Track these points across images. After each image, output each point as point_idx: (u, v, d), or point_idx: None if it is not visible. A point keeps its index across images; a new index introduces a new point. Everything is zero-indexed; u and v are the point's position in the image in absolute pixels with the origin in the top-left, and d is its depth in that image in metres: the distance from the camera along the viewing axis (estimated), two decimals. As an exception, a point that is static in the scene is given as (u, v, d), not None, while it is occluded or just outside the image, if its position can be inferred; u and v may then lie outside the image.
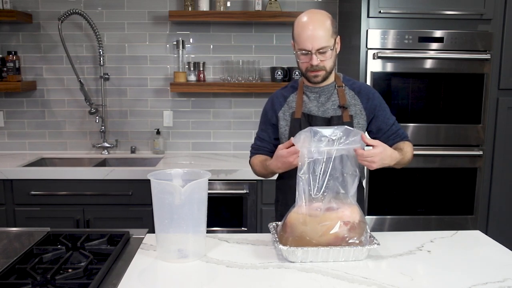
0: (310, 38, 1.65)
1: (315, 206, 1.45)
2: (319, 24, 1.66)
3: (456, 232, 1.72)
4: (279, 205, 1.95)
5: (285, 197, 1.87)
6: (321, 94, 1.81)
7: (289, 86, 1.90)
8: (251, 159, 1.93)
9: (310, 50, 1.66)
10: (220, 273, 1.37)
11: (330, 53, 1.68)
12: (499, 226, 2.89)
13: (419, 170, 2.78)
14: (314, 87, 1.81)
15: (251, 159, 1.93)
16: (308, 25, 1.66)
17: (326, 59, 1.69)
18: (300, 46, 1.68)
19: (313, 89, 1.81)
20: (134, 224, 2.64)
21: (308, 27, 1.66)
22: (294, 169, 1.54)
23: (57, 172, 2.71)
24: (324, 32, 1.66)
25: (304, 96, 1.83)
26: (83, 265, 1.35)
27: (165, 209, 1.43)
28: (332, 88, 1.82)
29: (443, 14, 2.66)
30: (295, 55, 1.73)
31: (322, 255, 1.42)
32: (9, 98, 3.21)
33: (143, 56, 3.21)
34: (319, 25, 1.66)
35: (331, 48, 1.68)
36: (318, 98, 1.81)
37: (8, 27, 3.15)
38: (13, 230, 1.73)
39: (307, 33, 1.65)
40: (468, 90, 2.74)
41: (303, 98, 1.82)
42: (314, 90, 1.81)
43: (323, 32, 1.65)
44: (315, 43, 1.65)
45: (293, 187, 1.50)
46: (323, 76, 1.73)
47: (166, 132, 3.29)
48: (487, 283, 1.31)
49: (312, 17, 1.68)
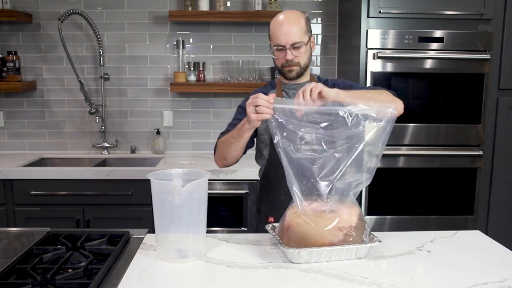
0: (284, 33, 1.73)
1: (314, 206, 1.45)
2: (293, 21, 1.75)
3: (456, 232, 1.72)
4: (263, 205, 1.92)
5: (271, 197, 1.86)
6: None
7: (268, 85, 1.96)
8: (217, 141, 1.84)
9: (285, 46, 1.73)
10: (220, 273, 1.37)
11: (304, 49, 1.75)
12: (499, 226, 2.89)
13: (419, 170, 2.78)
14: (292, 84, 1.86)
15: (217, 140, 1.84)
16: (283, 22, 1.75)
17: (300, 55, 1.76)
18: (275, 42, 1.76)
19: (291, 86, 1.87)
20: (134, 224, 2.64)
21: (283, 24, 1.74)
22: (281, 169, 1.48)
23: (57, 172, 2.71)
24: (298, 29, 1.74)
25: (283, 92, 1.88)
26: (83, 265, 1.35)
27: (165, 209, 1.43)
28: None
29: (443, 14, 2.66)
30: (271, 52, 1.80)
31: (326, 255, 1.42)
32: (9, 98, 3.21)
33: (143, 56, 3.21)
34: (293, 22, 1.74)
35: (305, 44, 1.75)
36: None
37: (8, 27, 3.15)
38: (13, 230, 1.73)
39: (282, 29, 1.73)
40: (468, 90, 2.74)
41: (282, 95, 1.86)
42: (293, 87, 1.86)
43: (296, 28, 1.74)
44: (289, 38, 1.72)
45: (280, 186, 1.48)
46: (297, 72, 1.79)
47: (166, 132, 3.29)
48: (487, 283, 1.30)
49: (287, 15, 1.78)
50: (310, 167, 1.45)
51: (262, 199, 1.94)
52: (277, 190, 1.79)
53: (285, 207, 1.52)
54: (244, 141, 1.69)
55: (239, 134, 1.66)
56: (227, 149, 1.75)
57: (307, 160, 1.45)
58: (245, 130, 1.62)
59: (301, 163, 1.45)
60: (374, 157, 1.49)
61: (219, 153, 1.82)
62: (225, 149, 1.77)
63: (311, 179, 1.44)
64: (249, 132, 1.64)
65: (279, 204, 1.67)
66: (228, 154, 1.77)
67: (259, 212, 1.96)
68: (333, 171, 1.44)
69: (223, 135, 1.82)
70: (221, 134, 1.86)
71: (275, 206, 1.79)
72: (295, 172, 1.45)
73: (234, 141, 1.70)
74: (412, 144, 2.75)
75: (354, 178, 1.46)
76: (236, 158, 1.79)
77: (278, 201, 1.75)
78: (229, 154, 1.76)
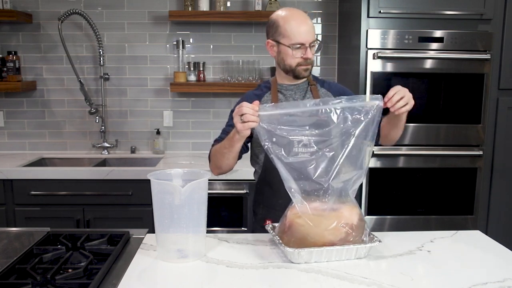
0: (305, 32, 1.70)
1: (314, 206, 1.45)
2: (308, 20, 1.73)
3: (456, 232, 1.72)
4: (260, 208, 1.89)
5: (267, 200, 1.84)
6: (296, 91, 1.83)
7: (262, 86, 1.90)
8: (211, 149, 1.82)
9: (305, 44, 1.70)
10: (220, 273, 1.37)
11: (315, 47, 1.75)
12: (499, 226, 2.89)
13: (419, 170, 2.78)
14: (289, 85, 1.83)
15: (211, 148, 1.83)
16: (302, 20, 1.71)
17: (313, 53, 1.75)
18: (296, 41, 1.70)
19: (288, 87, 1.83)
20: (134, 224, 2.64)
21: (303, 22, 1.71)
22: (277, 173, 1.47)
23: (57, 172, 2.71)
24: (313, 28, 1.73)
25: (279, 94, 1.83)
26: (83, 265, 1.35)
27: (165, 209, 1.43)
28: (305, 86, 1.84)
29: (443, 14, 2.66)
30: (282, 51, 1.73)
31: (326, 255, 1.42)
32: (9, 98, 3.21)
33: (143, 56, 3.21)
34: (309, 21, 1.73)
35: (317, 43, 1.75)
36: (293, 95, 1.82)
37: (8, 27, 3.15)
38: (13, 230, 1.73)
39: (303, 28, 1.70)
40: (468, 90, 2.74)
41: (278, 96, 1.82)
42: (289, 87, 1.83)
43: (313, 27, 1.73)
44: (309, 36, 1.70)
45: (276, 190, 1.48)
46: (310, 70, 1.79)
47: (166, 132, 3.29)
48: (487, 283, 1.30)
49: (299, 13, 1.75)
50: (305, 168, 1.44)
51: (258, 202, 1.91)
52: (274, 193, 1.77)
53: (282, 210, 1.51)
54: (236, 151, 1.67)
55: (230, 144, 1.64)
56: (221, 159, 1.74)
57: (301, 162, 1.45)
58: (235, 141, 1.60)
59: (296, 166, 1.45)
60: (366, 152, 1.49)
61: (213, 162, 1.80)
62: (219, 159, 1.75)
63: (307, 180, 1.44)
64: (240, 142, 1.62)
65: (276, 207, 1.66)
66: (222, 163, 1.75)
67: (255, 214, 1.94)
68: (328, 170, 1.44)
69: (217, 143, 1.80)
70: (215, 141, 1.84)
71: (272, 209, 1.77)
72: (292, 175, 1.45)
73: (227, 151, 1.68)
74: (412, 144, 2.75)
75: (350, 175, 1.46)
76: (230, 167, 1.77)
77: (275, 205, 1.73)
78: (223, 163, 1.75)
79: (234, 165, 1.78)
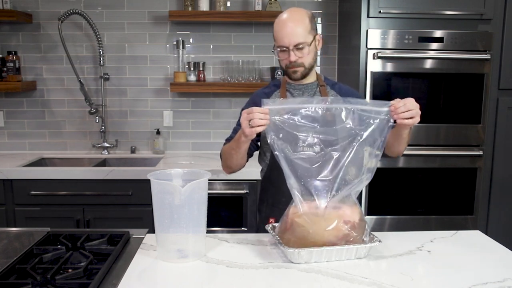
0: (287, 35, 1.69)
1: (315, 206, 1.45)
2: (297, 21, 1.70)
3: (456, 232, 1.72)
4: (264, 206, 1.91)
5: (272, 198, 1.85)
6: (304, 91, 1.83)
7: (271, 84, 1.92)
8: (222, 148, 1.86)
9: (288, 47, 1.70)
10: (220, 273, 1.37)
11: (307, 49, 1.72)
12: (499, 226, 2.89)
13: (419, 170, 2.78)
14: (297, 85, 1.84)
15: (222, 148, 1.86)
16: (285, 22, 1.71)
17: (304, 56, 1.73)
18: (279, 43, 1.72)
19: (296, 87, 1.84)
20: (134, 224, 2.64)
21: (286, 24, 1.70)
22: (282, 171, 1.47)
23: (57, 172, 2.71)
24: (301, 29, 1.70)
25: (287, 93, 1.84)
26: (83, 265, 1.35)
27: (165, 209, 1.43)
28: (315, 86, 1.85)
29: (443, 14, 2.66)
30: (275, 53, 1.76)
31: (326, 255, 1.42)
32: (9, 98, 3.21)
33: (143, 56, 3.21)
34: (296, 22, 1.70)
35: (308, 44, 1.71)
36: (301, 95, 1.83)
37: (8, 27, 3.15)
38: (13, 230, 1.73)
39: (284, 30, 1.70)
40: (468, 90, 2.74)
41: (286, 95, 1.84)
42: (298, 87, 1.84)
43: (300, 28, 1.69)
44: (292, 39, 1.69)
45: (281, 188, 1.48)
46: (302, 73, 1.76)
47: (166, 132, 3.29)
48: (487, 283, 1.30)
49: (290, 14, 1.73)
50: (309, 167, 1.44)
51: (263, 200, 1.94)
52: (278, 192, 1.79)
53: (285, 208, 1.52)
54: (243, 151, 1.71)
55: (238, 145, 1.67)
56: (230, 159, 1.78)
57: (306, 160, 1.45)
58: (242, 142, 1.63)
59: (300, 164, 1.44)
60: (373, 156, 1.48)
61: (224, 162, 1.85)
62: (228, 158, 1.79)
63: (310, 179, 1.44)
64: (246, 144, 1.66)
65: (280, 206, 1.67)
66: (231, 163, 1.80)
67: (260, 212, 1.96)
68: (332, 171, 1.44)
69: (227, 142, 1.84)
70: (226, 140, 1.88)
71: (276, 208, 1.79)
72: (295, 173, 1.45)
73: (235, 152, 1.72)
74: (412, 144, 2.74)
75: (354, 177, 1.46)
76: (241, 165, 1.82)
77: (279, 203, 1.75)
78: (232, 163, 1.79)
79: (245, 163, 1.82)
